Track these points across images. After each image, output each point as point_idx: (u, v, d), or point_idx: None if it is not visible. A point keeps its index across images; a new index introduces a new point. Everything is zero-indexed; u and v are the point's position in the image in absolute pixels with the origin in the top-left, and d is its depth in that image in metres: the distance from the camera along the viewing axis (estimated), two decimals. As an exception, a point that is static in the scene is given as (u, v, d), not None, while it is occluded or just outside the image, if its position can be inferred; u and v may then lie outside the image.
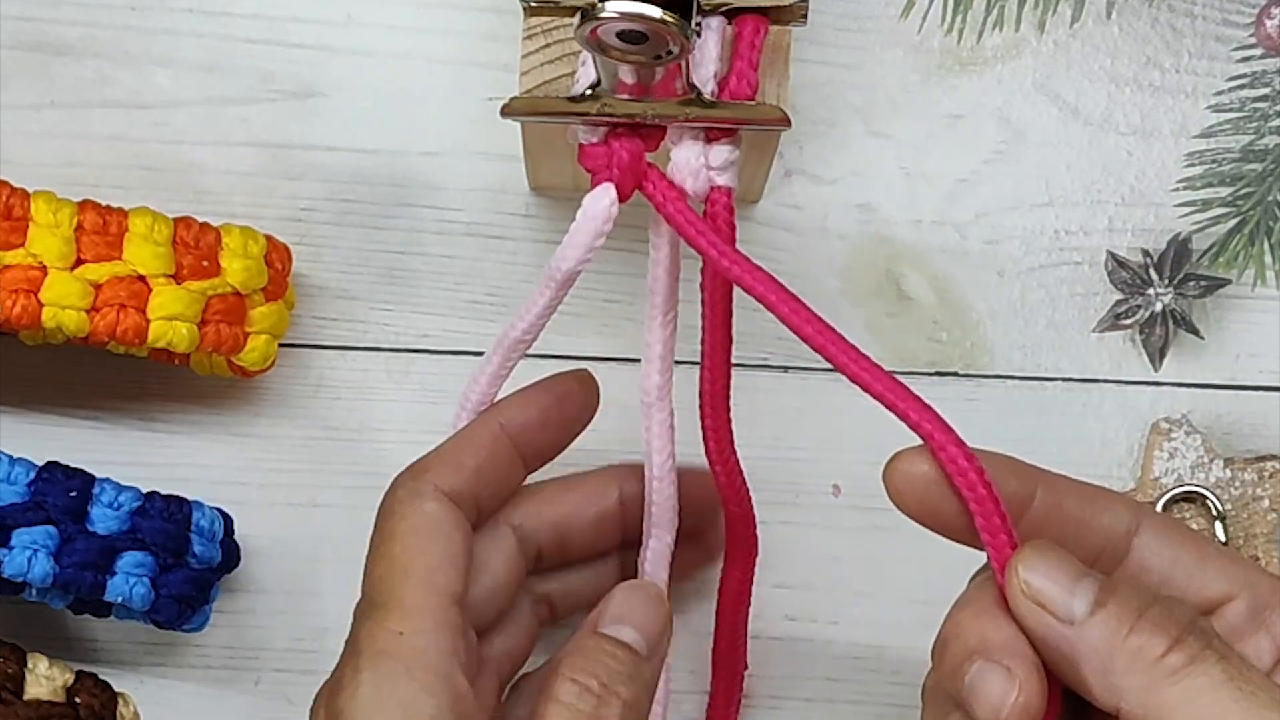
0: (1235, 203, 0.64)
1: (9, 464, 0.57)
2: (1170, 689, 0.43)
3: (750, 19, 0.51)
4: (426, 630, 0.49)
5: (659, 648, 0.52)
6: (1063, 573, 0.45)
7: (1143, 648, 0.44)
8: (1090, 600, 0.45)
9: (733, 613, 0.60)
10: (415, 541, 0.51)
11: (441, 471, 0.53)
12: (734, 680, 0.61)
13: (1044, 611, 0.45)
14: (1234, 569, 0.47)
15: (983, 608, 0.47)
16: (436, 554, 0.51)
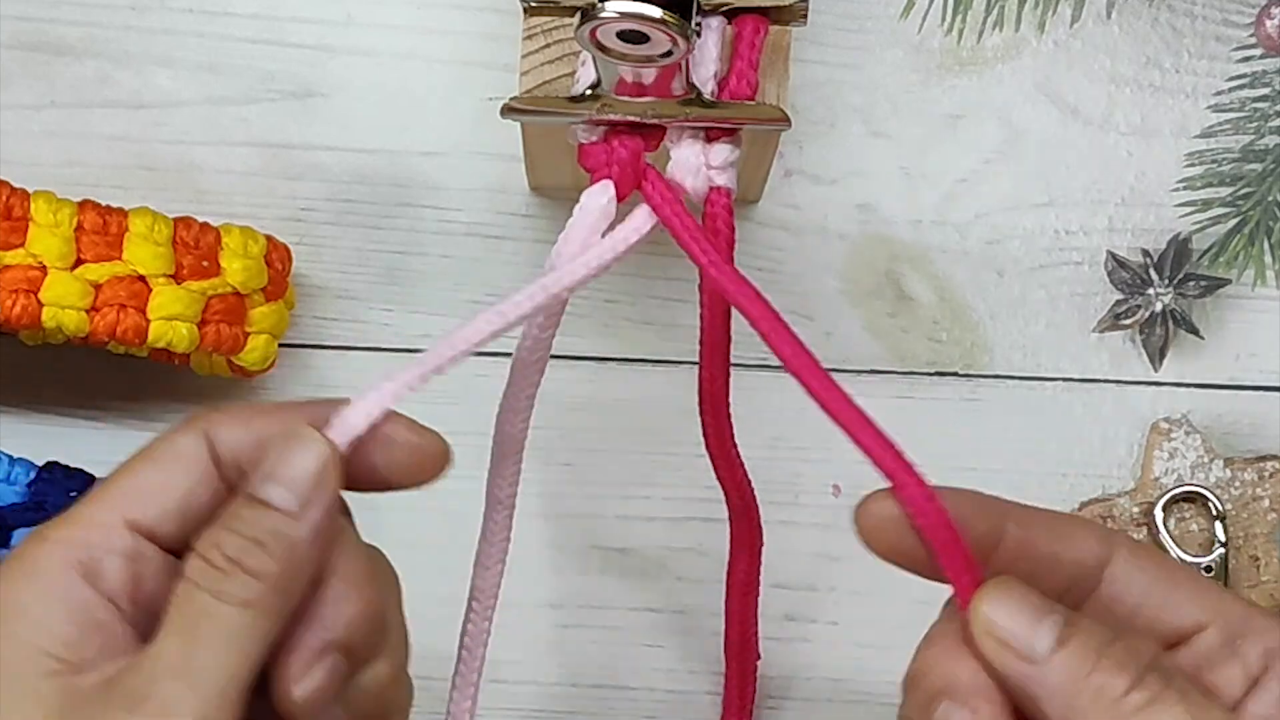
0: (1235, 203, 0.64)
1: (9, 464, 0.57)
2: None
3: (750, 19, 0.51)
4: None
5: (314, 499, 0.45)
6: (1025, 610, 0.45)
7: (1104, 687, 0.43)
8: (1053, 638, 0.44)
9: (742, 604, 0.60)
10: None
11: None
12: (748, 671, 0.61)
13: (1006, 649, 0.45)
14: (1206, 597, 0.46)
15: (949, 646, 0.46)
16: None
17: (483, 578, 0.56)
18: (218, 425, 0.47)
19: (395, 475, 0.48)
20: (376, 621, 0.46)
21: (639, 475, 0.63)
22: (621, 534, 0.63)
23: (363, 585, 0.46)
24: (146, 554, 0.45)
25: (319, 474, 0.46)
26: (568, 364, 0.63)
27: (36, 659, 0.44)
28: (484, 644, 0.57)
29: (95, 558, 0.45)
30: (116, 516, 0.45)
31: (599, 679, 0.63)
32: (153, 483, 0.46)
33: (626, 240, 0.51)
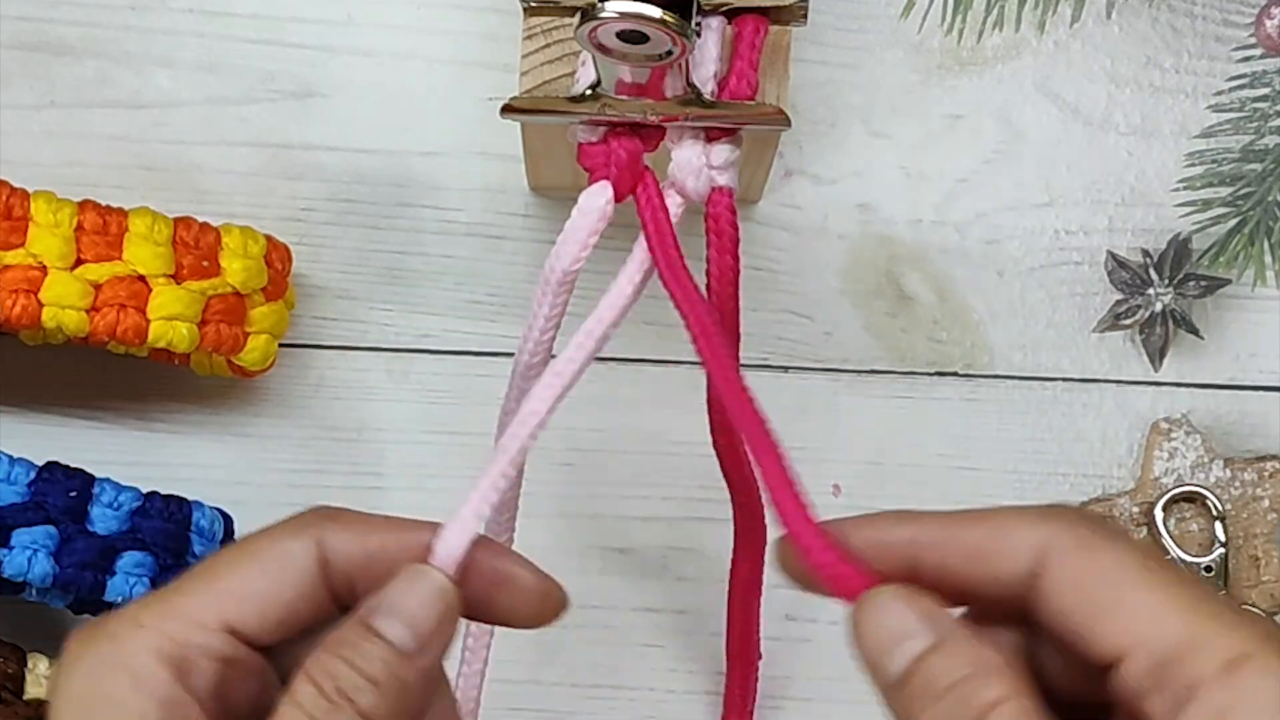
0: (1235, 203, 0.64)
1: (9, 464, 0.57)
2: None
3: (750, 19, 0.51)
4: None
5: (432, 643, 0.44)
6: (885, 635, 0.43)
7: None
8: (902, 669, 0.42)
9: (744, 603, 0.60)
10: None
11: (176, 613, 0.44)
12: (749, 671, 0.61)
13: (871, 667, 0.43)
14: (1136, 621, 0.42)
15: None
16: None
17: None
18: (329, 533, 0.45)
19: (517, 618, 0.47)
20: None
21: (639, 475, 0.63)
22: (621, 534, 0.63)
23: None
24: (240, 657, 0.44)
25: (441, 616, 0.44)
26: (568, 364, 0.63)
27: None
28: (487, 645, 0.57)
29: (189, 656, 0.43)
30: (215, 616, 0.44)
31: (599, 679, 0.63)
32: (256, 586, 0.44)
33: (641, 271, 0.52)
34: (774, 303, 0.63)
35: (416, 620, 0.44)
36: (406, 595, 0.44)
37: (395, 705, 0.43)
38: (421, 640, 0.44)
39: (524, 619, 0.47)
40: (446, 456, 0.63)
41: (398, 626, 0.44)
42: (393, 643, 0.43)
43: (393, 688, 0.43)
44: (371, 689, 0.43)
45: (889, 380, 0.63)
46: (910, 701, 0.42)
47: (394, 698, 0.43)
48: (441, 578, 0.45)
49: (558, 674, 0.63)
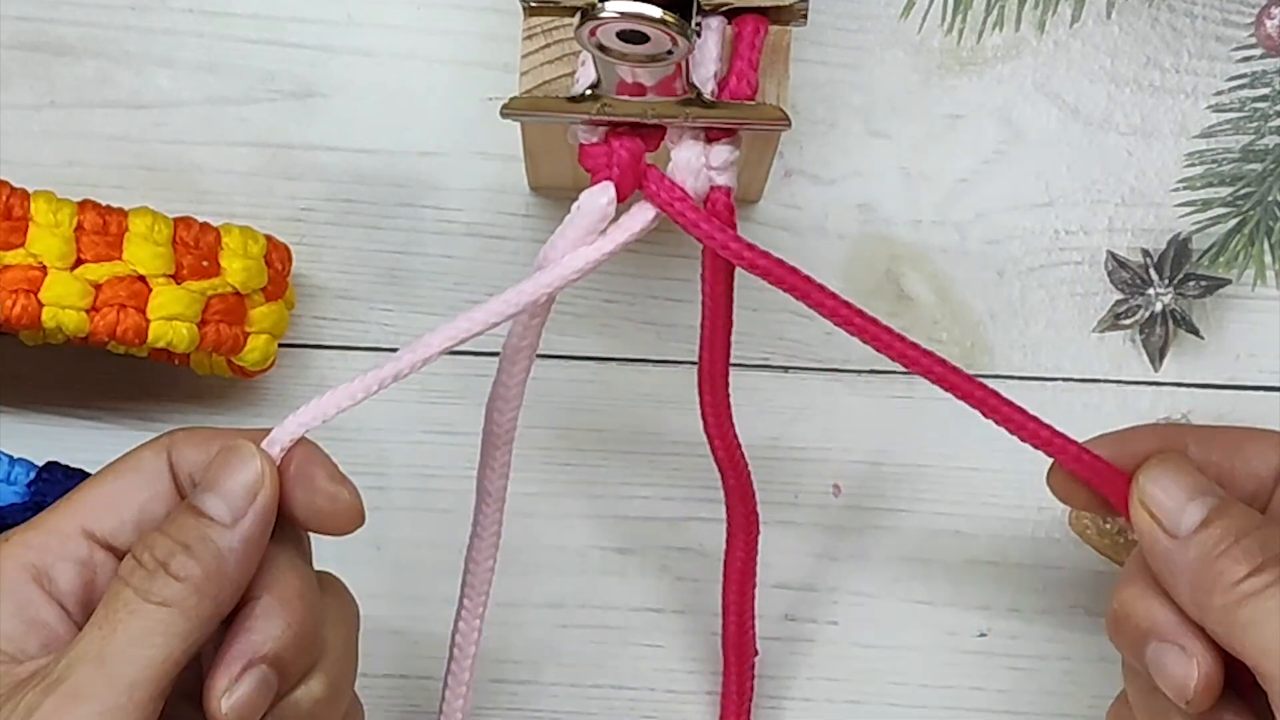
0: (1235, 203, 0.64)
1: (9, 464, 0.57)
2: (1242, 610, 0.46)
3: (750, 19, 0.51)
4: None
5: (248, 511, 0.48)
6: (1180, 488, 0.48)
7: (1225, 571, 0.46)
8: (1199, 518, 0.47)
9: (739, 594, 0.60)
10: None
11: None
12: (745, 668, 0.61)
13: (1155, 524, 0.48)
14: None
15: (1143, 588, 0.49)
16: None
17: (474, 574, 0.56)
18: (178, 443, 0.50)
19: (308, 518, 0.50)
20: (307, 640, 0.48)
21: (639, 475, 0.63)
22: (621, 534, 0.63)
23: (293, 602, 0.48)
24: (100, 561, 0.49)
25: (252, 487, 0.48)
26: (568, 364, 0.63)
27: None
28: (475, 642, 0.57)
29: (48, 562, 0.48)
30: (74, 525, 0.49)
31: (599, 679, 0.63)
32: (112, 494, 0.49)
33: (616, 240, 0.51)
34: (774, 303, 0.63)
35: (230, 493, 0.48)
36: (219, 470, 0.48)
37: (211, 569, 0.47)
38: (236, 510, 0.48)
39: (318, 520, 0.50)
40: (446, 456, 0.63)
41: (213, 499, 0.48)
42: (207, 513, 0.48)
43: (207, 553, 0.47)
44: (185, 554, 0.47)
45: (889, 380, 0.63)
46: (1206, 548, 0.47)
47: (209, 563, 0.47)
48: (252, 452, 0.49)
49: (558, 674, 0.62)
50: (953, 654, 0.63)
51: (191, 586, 0.46)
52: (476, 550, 0.56)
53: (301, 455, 0.50)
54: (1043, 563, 0.63)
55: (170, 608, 0.46)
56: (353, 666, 0.51)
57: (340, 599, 0.51)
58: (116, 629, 0.46)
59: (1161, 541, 0.48)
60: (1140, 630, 0.49)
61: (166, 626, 0.46)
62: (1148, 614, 0.49)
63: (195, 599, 0.46)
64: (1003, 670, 0.63)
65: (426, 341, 0.51)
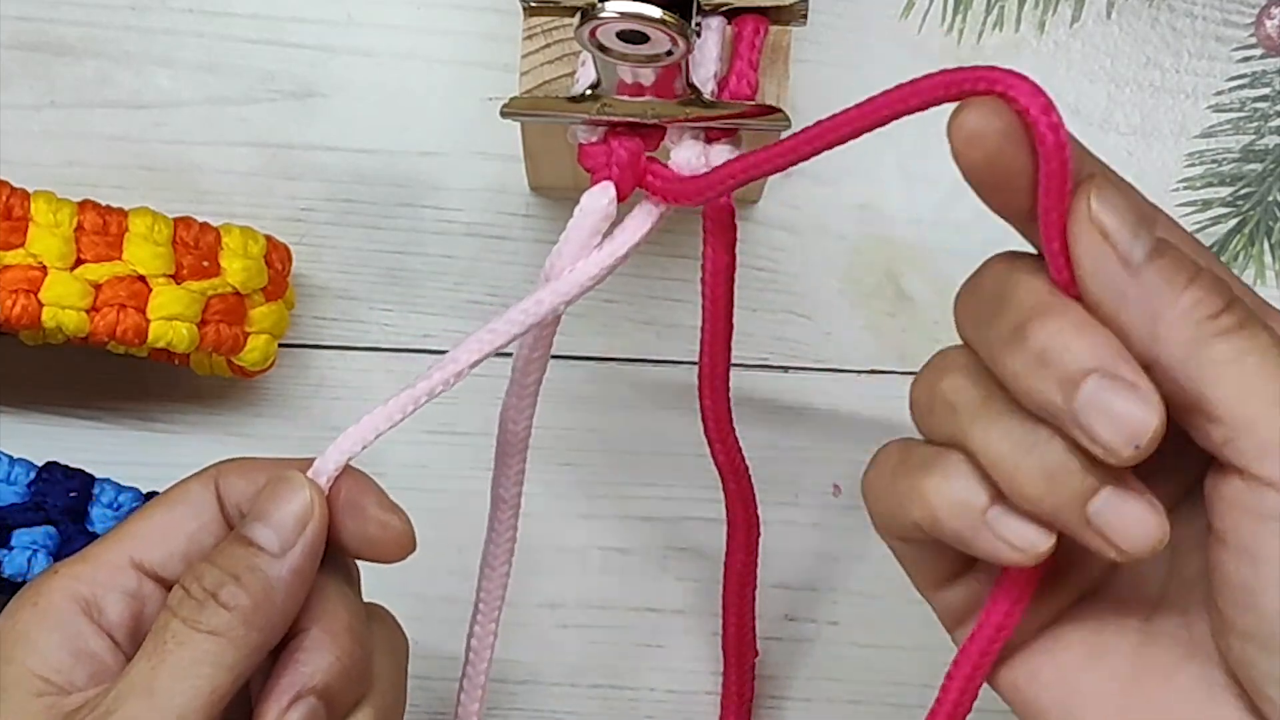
0: (1235, 203, 0.64)
1: (9, 464, 0.57)
2: (1219, 344, 0.42)
3: (750, 19, 0.51)
4: None
5: (297, 542, 0.48)
6: (1130, 213, 0.42)
7: (1200, 302, 0.42)
8: (1149, 248, 0.42)
9: (739, 595, 0.60)
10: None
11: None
12: (745, 668, 0.61)
13: (1107, 247, 0.42)
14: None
15: (1077, 319, 0.42)
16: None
17: (489, 579, 0.56)
18: (226, 474, 0.50)
19: (359, 546, 0.50)
20: (356, 672, 0.48)
21: (639, 475, 0.63)
22: (621, 534, 0.63)
23: (342, 634, 0.48)
24: (149, 593, 0.49)
25: (301, 517, 0.48)
26: (568, 364, 0.63)
27: (29, 680, 0.47)
28: (491, 645, 0.57)
29: (97, 594, 0.48)
30: (123, 556, 0.49)
31: (599, 679, 0.63)
32: (160, 525, 0.49)
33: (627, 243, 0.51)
34: (774, 303, 0.63)
35: (277, 521, 0.48)
36: (268, 500, 0.48)
37: (260, 599, 0.47)
38: (285, 539, 0.48)
39: (369, 549, 0.50)
40: (446, 456, 0.63)
41: (262, 529, 0.48)
42: (256, 543, 0.47)
43: (256, 582, 0.47)
44: (234, 582, 0.47)
45: (889, 380, 0.63)
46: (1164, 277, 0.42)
47: (258, 593, 0.47)
48: (301, 481, 0.49)
49: (558, 674, 0.63)
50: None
51: (240, 616, 0.46)
52: (492, 556, 0.56)
53: (350, 483, 0.50)
54: (1043, 563, 0.63)
55: (219, 637, 0.46)
56: (402, 699, 0.51)
57: (389, 630, 0.51)
58: (165, 659, 0.46)
59: (1113, 268, 0.42)
60: (1075, 367, 0.42)
61: (215, 657, 0.46)
62: (1090, 347, 0.42)
63: (244, 629, 0.46)
64: (1003, 670, 0.63)
65: (455, 357, 0.51)
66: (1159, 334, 0.42)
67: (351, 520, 0.49)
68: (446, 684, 0.58)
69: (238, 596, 0.46)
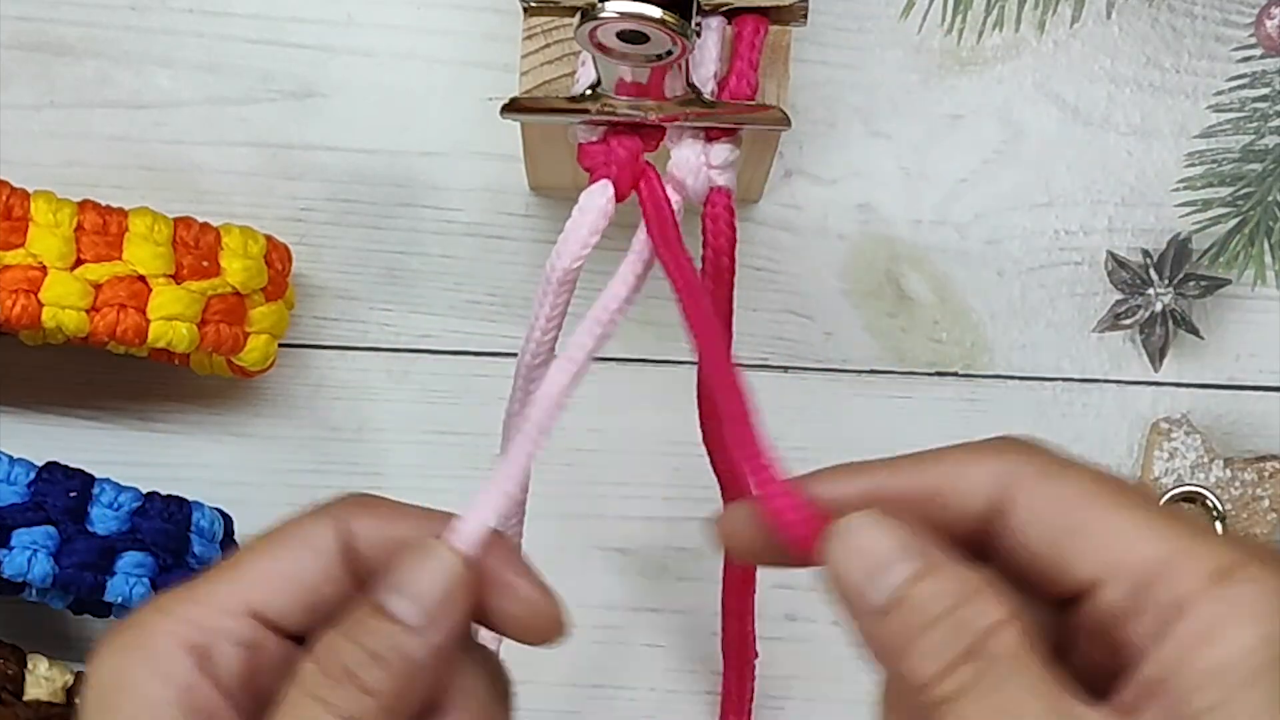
0: (1235, 203, 0.64)
1: (9, 464, 0.57)
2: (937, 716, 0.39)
3: (750, 19, 0.51)
4: None
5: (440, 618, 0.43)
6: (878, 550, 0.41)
7: (915, 669, 0.39)
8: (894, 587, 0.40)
9: (739, 598, 0.60)
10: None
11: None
12: (745, 669, 0.61)
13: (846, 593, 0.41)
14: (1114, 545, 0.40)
15: None
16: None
17: None
18: (355, 519, 0.44)
19: (510, 627, 0.45)
20: None
21: (639, 475, 0.63)
22: (621, 534, 0.63)
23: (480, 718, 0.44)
24: (266, 644, 0.43)
25: (447, 591, 0.43)
26: (568, 364, 0.63)
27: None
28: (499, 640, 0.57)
29: (212, 642, 0.42)
30: (240, 602, 0.43)
31: (599, 679, 0.63)
32: (280, 571, 0.44)
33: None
34: (774, 303, 0.63)
35: (423, 595, 0.42)
36: (413, 570, 0.43)
37: (402, 682, 0.42)
38: (430, 615, 0.42)
39: (516, 630, 0.45)
40: (446, 456, 0.63)
41: (404, 602, 0.42)
42: (399, 618, 0.42)
43: (398, 664, 0.42)
44: (375, 664, 0.42)
45: (889, 380, 0.63)
46: (897, 631, 0.40)
47: (400, 674, 0.42)
48: (450, 552, 0.43)
49: (558, 674, 0.63)
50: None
51: (379, 702, 0.41)
52: None
53: (496, 554, 0.44)
54: (1043, 563, 0.63)
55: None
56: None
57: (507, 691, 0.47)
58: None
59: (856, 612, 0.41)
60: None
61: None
62: None
63: (383, 715, 0.42)
64: (1003, 670, 0.63)
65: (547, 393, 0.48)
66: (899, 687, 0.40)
67: (496, 596, 0.44)
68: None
69: (378, 679, 0.41)
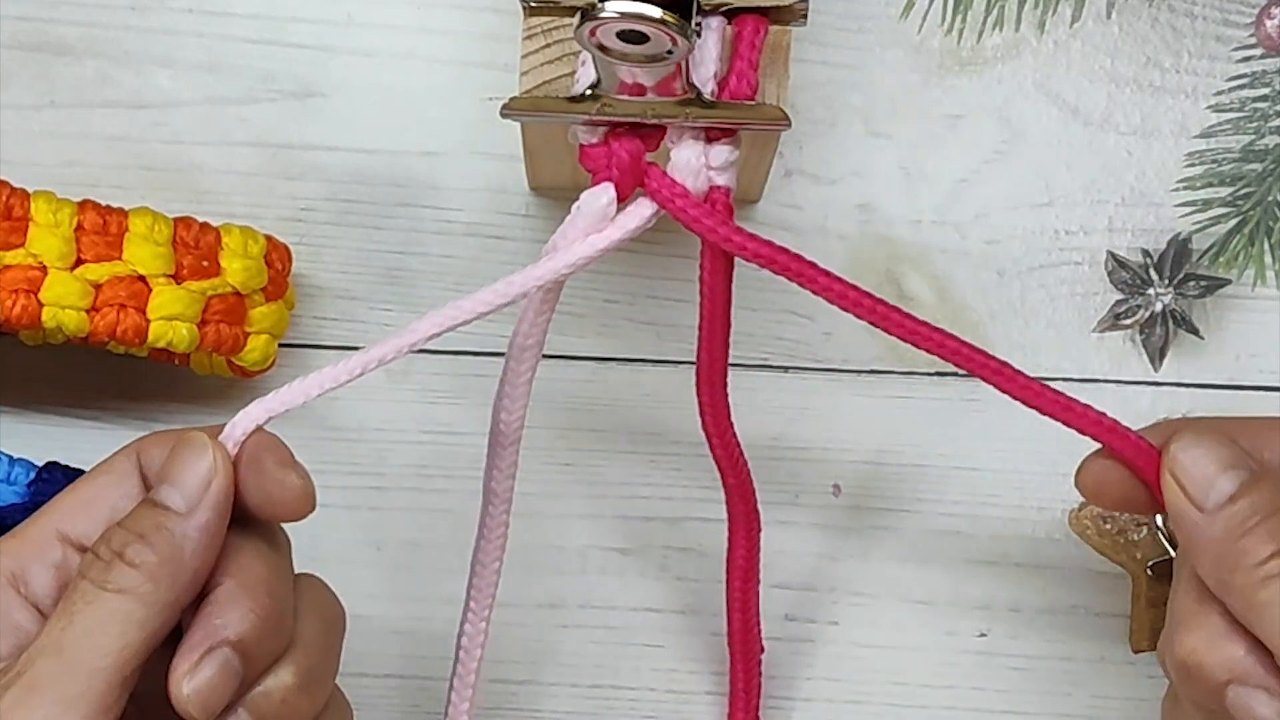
0: (1235, 203, 0.64)
1: (9, 464, 0.57)
2: (1261, 592, 0.46)
3: (750, 19, 0.51)
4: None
5: (202, 500, 0.48)
6: (1210, 460, 0.48)
7: (1249, 549, 0.46)
8: (1227, 492, 0.47)
9: (743, 590, 0.60)
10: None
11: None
12: (752, 662, 0.61)
13: (1182, 494, 0.48)
14: None
15: (1213, 633, 0.48)
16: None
17: (480, 576, 0.56)
18: (146, 445, 0.51)
19: (260, 504, 0.50)
20: (273, 625, 0.48)
21: (639, 475, 0.63)
22: (621, 534, 0.63)
23: (257, 588, 0.48)
24: (75, 563, 0.49)
25: (205, 477, 0.49)
26: (568, 364, 0.63)
27: None
28: (481, 644, 0.57)
29: (24, 566, 0.49)
30: (50, 529, 0.50)
31: (599, 679, 0.63)
32: (85, 497, 0.50)
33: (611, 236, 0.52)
34: (774, 303, 0.63)
35: (183, 482, 0.48)
36: (174, 463, 0.49)
37: (166, 555, 0.47)
38: (189, 497, 0.48)
39: (271, 507, 0.50)
40: (446, 456, 0.63)
41: (167, 489, 0.48)
42: (163, 504, 0.48)
43: (163, 540, 0.47)
44: (140, 542, 0.47)
45: (889, 380, 0.63)
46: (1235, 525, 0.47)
47: (165, 549, 0.47)
48: (204, 442, 0.49)
49: (558, 674, 0.62)
50: (953, 654, 0.63)
51: (147, 573, 0.47)
52: (483, 552, 0.56)
53: (254, 444, 0.50)
54: (1043, 563, 0.63)
55: (126, 594, 0.47)
56: (333, 666, 0.51)
57: (319, 595, 0.51)
58: (74, 619, 0.46)
59: (1189, 514, 0.48)
60: (1217, 678, 0.48)
61: (124, 615, 0.46)
62: (1224, 660, 0.47)
63: (151, 585, 0.47)
64: (1003, 670, 0.63)
65: (414, 327, 0.51)
66: (1222, 577, 0.47)
67: (253, 478, 0.50)
68: (444, 685, 0.58)
69: (143, 554, 0.47)
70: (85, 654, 0.46)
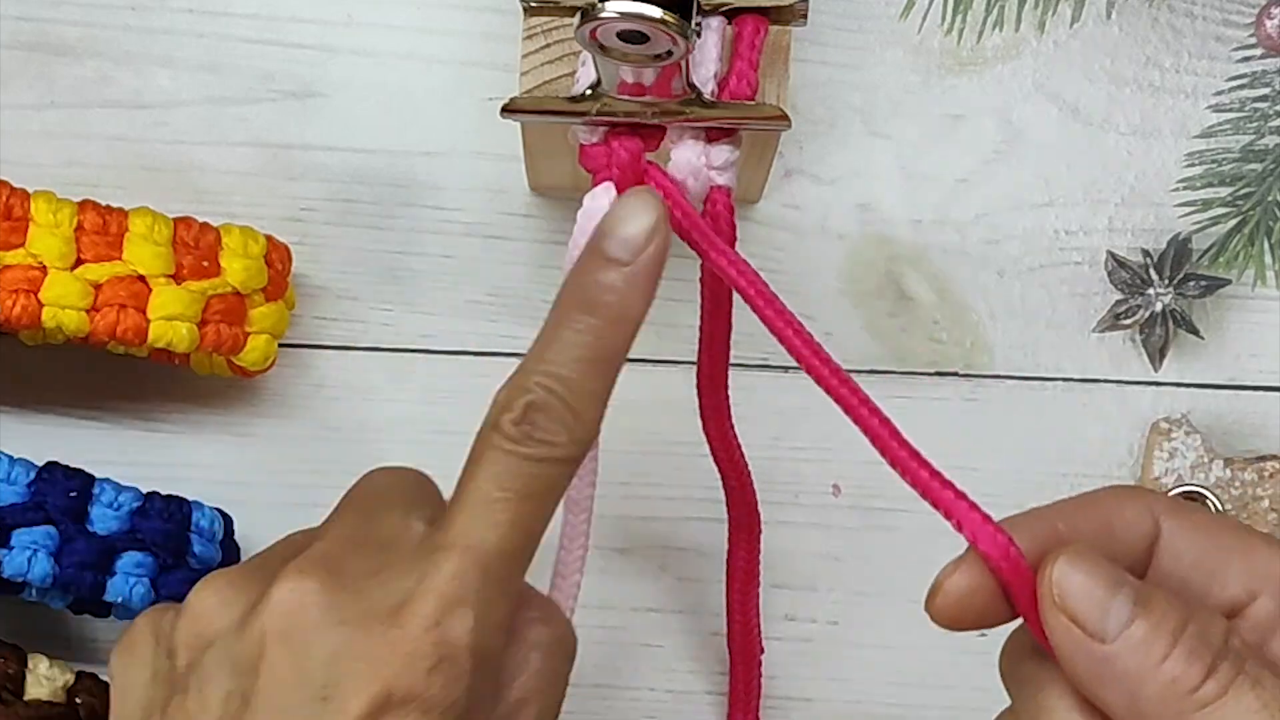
0: (1235, 203, 0.64)
1: (9, 464, 0.57)
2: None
3: (750, 19, 0.51)
4: None
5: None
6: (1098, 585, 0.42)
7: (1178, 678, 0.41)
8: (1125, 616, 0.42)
9: (744, 593, 0.60)
10: None
11: None
12: (752, 664, 0.61)
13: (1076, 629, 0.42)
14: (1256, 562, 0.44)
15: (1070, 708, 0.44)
16: None
17: (560, 588, 0.56)
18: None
19: None
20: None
21: (639, 475, 0.63)
22: (621, 534, 0.63)
23: None
24: None
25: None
26: (568, 364, 0.63)
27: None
28: None
29: None
30: None
31: (599, 679, 0.63)
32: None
33: None
34: (774, 303, 0.63)
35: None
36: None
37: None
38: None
39: None
40: (446, 456, 0.62)
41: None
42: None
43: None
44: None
45: (889, 380, 0.63)
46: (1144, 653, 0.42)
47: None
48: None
49: (558, 674, 0.62)
50: (953, 654, 0.62)
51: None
52: (563, 564, 0.55)
53: None
54: (1043, 563, 0.63)
55: None
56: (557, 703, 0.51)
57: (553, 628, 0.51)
58: None
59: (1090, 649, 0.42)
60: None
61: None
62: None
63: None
64: (1003, 670, 0.63)
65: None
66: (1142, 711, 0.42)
67: None
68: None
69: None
70: None
